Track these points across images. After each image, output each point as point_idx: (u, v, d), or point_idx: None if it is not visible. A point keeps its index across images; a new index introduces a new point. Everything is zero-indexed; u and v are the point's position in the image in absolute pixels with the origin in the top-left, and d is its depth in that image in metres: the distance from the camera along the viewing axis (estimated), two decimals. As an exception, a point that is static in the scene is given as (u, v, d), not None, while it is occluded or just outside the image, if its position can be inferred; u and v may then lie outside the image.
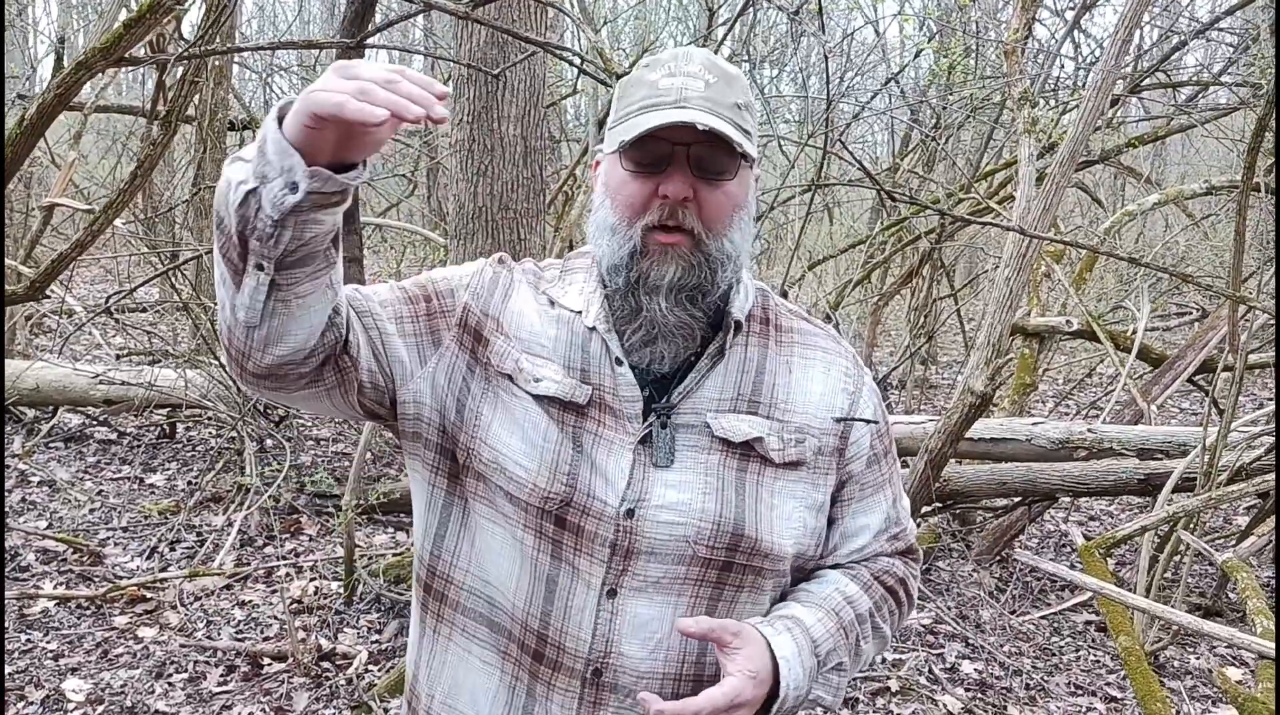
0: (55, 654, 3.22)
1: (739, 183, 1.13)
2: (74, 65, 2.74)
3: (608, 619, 1.13)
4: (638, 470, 1.13)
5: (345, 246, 3.38)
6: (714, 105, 1.08)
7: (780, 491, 1.17)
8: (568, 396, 1.13)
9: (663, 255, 1.10)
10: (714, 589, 1.15)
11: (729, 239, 1.12)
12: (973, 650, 3.57)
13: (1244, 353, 3.74)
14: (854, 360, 1.25)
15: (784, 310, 1.25)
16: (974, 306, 8.86)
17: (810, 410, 1.19)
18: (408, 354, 1.16)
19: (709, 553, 1.13)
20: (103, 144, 10.32)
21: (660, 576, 1.13)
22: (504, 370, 1.15)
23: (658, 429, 1.14)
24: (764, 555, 1.15)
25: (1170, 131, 6.54)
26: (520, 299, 1.19)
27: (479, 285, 1.19)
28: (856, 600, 1.21)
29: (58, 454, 5.19)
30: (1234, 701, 2.16)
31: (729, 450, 1.15)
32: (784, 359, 1.20)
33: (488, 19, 2.97)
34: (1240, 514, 5.07)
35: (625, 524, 1.12)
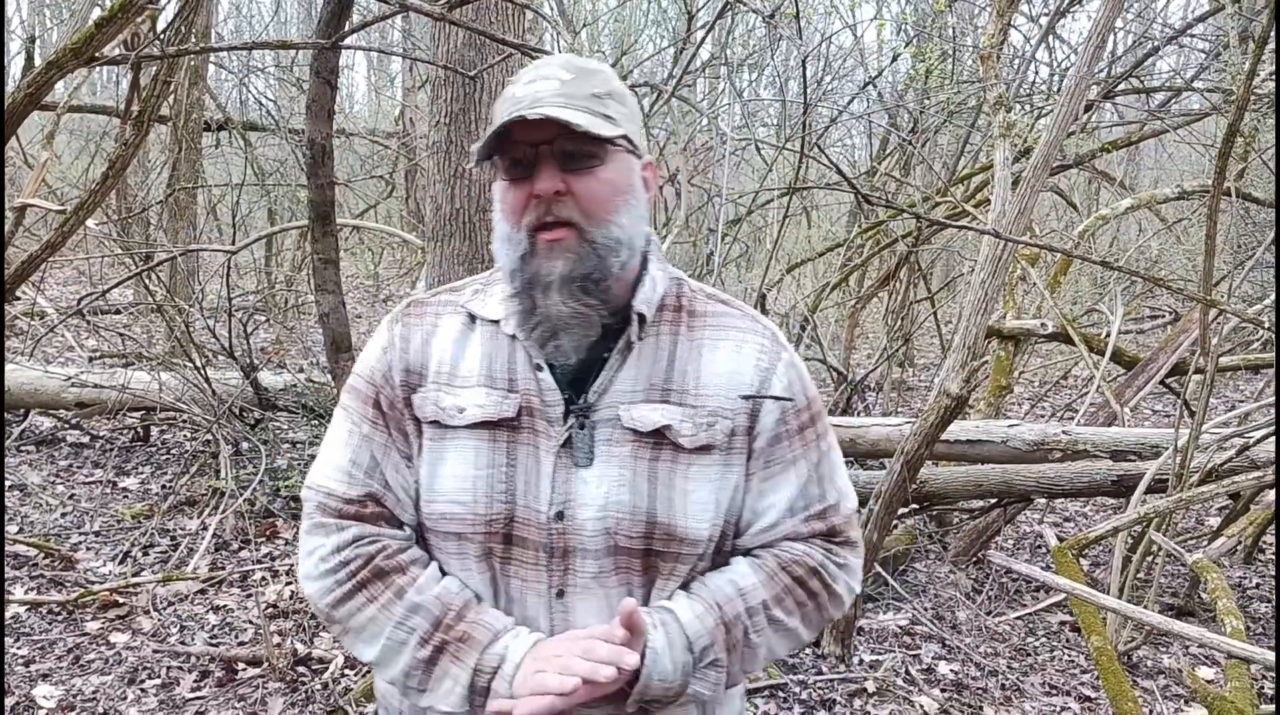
0: (26, 660, 3.18)
1: (616, 168, 1.15)
2: (45, 64, 2.71)
3: (562, 619, 1.18)
4: (560, 473, 1.17)
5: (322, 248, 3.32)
6: (567, 99, 1.11)
7: (694, 476, 1.18)
8: (495, 416, 1.17)
9: (549, 251, 1.13)
10: (642, 576, 1.19)
11: (615, 224, 1.14)
12: (949, 651, 3.59)
13: (1215, 355, 3.78)
14: (772, 337, 1.24)
15: (700, 295, 1.26)
16: (950, 309, 8.91)
17: (720, 392, 1.20)
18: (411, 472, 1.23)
19: (629, 542, 1.16)
20: (76, 144, 10.21)
21: (597, 572, 1.17)
22: (428, 418, 1.19)
23: (576, 430, 1.17)
24: (680, 540, 1.17)
25: (1143, 136, 6.60)
26: (440, 336, 1.22)
27: (396, 357, 1.22)
28: (751, 592, 1.20)
29: (29, 457, 5.12)
30: (1204, 701, 2.19)
31: (640, 440, 1.17)
32: (695, 344, 1.22)
33: (465, 21, 2.96)
34: (1212, 515, 5.13)
35: (556, 527, 1.16)
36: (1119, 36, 6.75)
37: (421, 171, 8.77)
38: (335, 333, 3.57)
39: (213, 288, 6.94)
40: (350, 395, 1.25)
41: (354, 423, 1.23)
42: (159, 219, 8.10)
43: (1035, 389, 8.36)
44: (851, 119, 8.27)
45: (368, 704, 2.99)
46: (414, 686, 1.15)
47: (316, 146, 3.28)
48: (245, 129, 8.14)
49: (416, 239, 6.56)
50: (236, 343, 5.04)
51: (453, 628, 1.14)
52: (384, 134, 10.10)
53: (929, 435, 3.29)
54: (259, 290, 8.91)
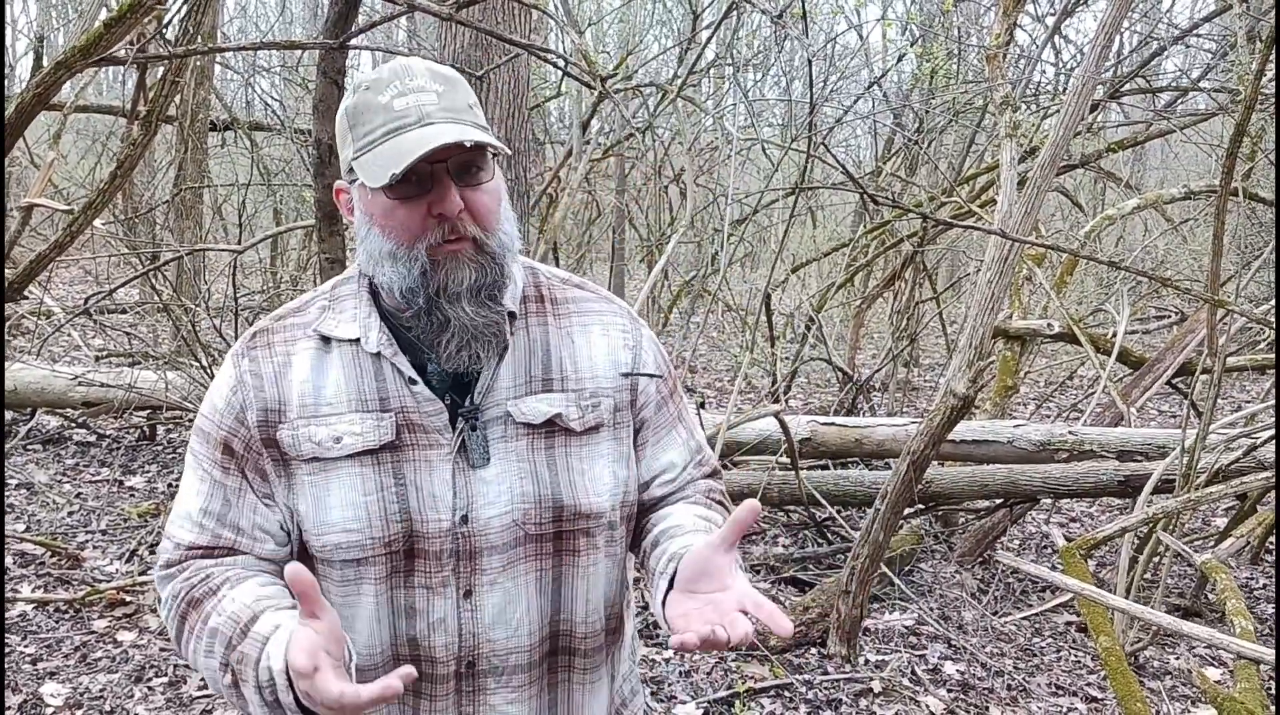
0: (33, 658, 3.19)
1: (495, 177, 1.17)
2: (53, 65, 2.72)
3: (470, 617, 1.19)
4: (459, 477, 1.17)
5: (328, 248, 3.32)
6: (455, 114, 1.10)
7: (588, 456, 1.23)
8: (375, 443, 1.15)
9: (454, 262, 1.12)
10: (553, 558, 1.22)
11: (503, 232, 1.16)
12: (955, 651, 3.59)
13: (1222, 355, 3.77)
14: (629, 316, 1.30)
15: (556, 281, 1.29)
16: (956, 309, 8.90)
17: (599, 373, 1.24)
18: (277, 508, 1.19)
19: (538, 530, 1.20)
20: (82, 144, 10.23)
21: (504, 565, 1.19)
22: (304, 455, 1.16)
23: (468, 433, 1.17)
24: (586, 516, 1.22)
25: (1149, 136, 6.60)
26: (296, 367, 1.18)
27: (250, 396, 1.18)
28: (712, 518, 1.28)
29: (35, 456, 5.14)
30: (1213, 701, 2.18)
31: (534, 432, 1.20)
32: (565, 331, 1.25)
33: (471, 20, 2.97)
34: (1219, 515, 5.12)
35: (462, 530, 1.17)
36: (1125, 36, 6.74)
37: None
38: (342, 332, 3.57)
39: (219, 287, 6.96)
40: (198, 439, 1.21)
41: (205, 468, 1.19)
42: (165, 219, 8.11)
43: (1041, 389, 8.34)
44: (857, 119, 8.27)
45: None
46: (242, 711, 1.13)
47: (324, 146, 3.29)
48: (251, 129, 8.16)
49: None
50: (243, 342, 5.03)
51: (236, 648, 1.09)
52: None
53: (935, 435, 3.28)
54: (264, 290, 8.93)
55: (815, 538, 4.53)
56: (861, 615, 3.48)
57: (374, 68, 1.27)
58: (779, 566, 4.21)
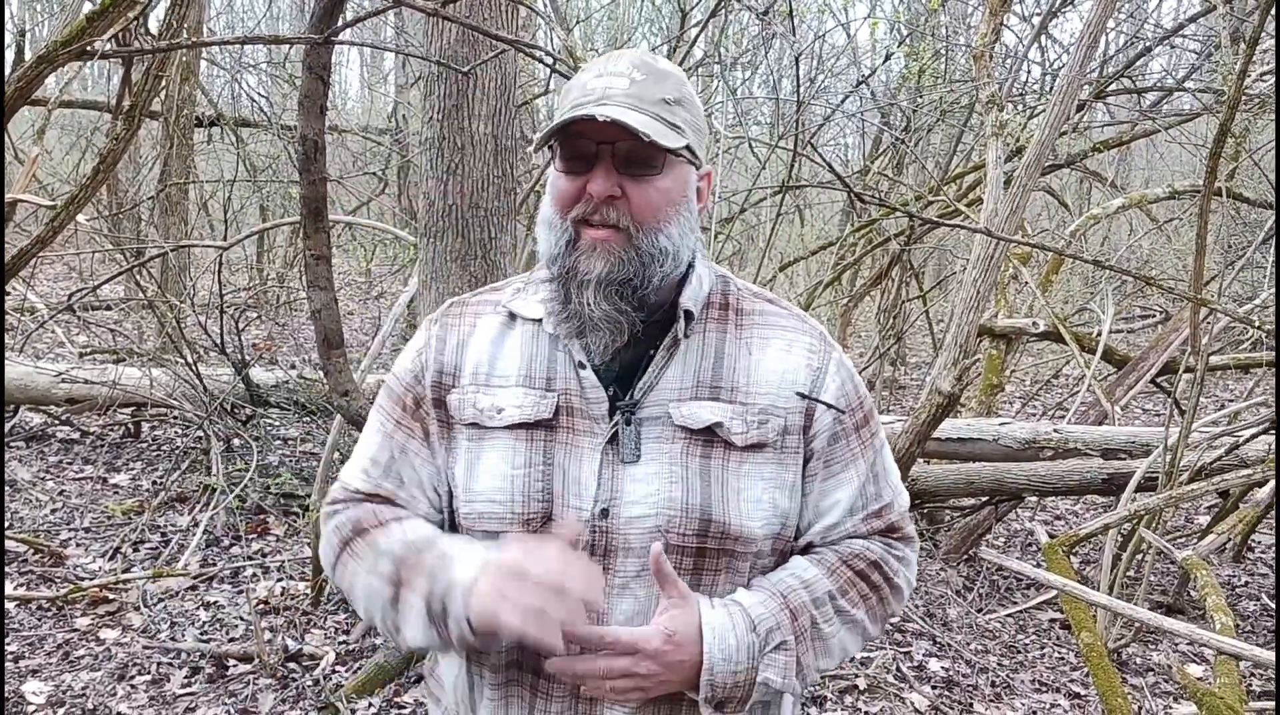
0: (15, 656, 3.17)
1: (672, 178, 1.14)
2: (35, 59, 2.70)
3: (596, 619, 1.14)
4: (606, 470, 1.15)
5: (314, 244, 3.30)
6: (637, 101, 1.09)
7: (747, 474, 1.16)
8: (532, 417, 1.16)
9: (592, 250, 1.12)
10: (690, 576, 1.16)
11: (663, 234, 1.13)
12: (940, 648, 3.60)
13: (1205, 354, 3.80)
14: (820, 337, 1.24)
15: (747, 294, 1.26)
16: (942, 308, 8.93)
17: (772, 390, 1.18)
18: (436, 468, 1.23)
19: (680, 541, 1.14)
20: (67, 140, 10.16)
21: (639, 571, 1.14)
22: (465, 420, 1.19)
23: (623, 426, 1.15)
24: (734, 539, 1.15)
25: (1135, 136, 6.63)
26: (478, 337, 1.22)
27: (431, 358, 1.23)
28: (815, 584, 1.19)
29: (18, 453, 5.10)
30: (1194, 697, 2.20)
31: (691, 437, 1.16)
32: (744, 342, 1.21)
33: (458, 16, 2.96)
34: (1201, 513, 5.16)
35: (600, 525, 1.14)
36: (1111, 37, 6.76)
37: (414, 168, 8.76)
38: (327, 329, 3.56)
39: (204, 284, 6.93)
40: (385, 394, 1.26)
41: (381, 421, 1.25)
42: (150, 214, 8.07)
43: (1026, 387, 8.38)
44: (844, 118, 8.28)
45: (359, 700, 2.99)
46: (391, 627, 1.15)
47: (309, 142, 3.27)
48: (237, 125, 8.11)
49: (409, 236, 6.55)
50: (228, 339, 5.02)
51: (410, 563, 1.12)
52: (376, 130, 10.08)
53: (921, 433, 3.30)
54: (250, 286, 8.90)
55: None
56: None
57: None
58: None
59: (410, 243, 6.47)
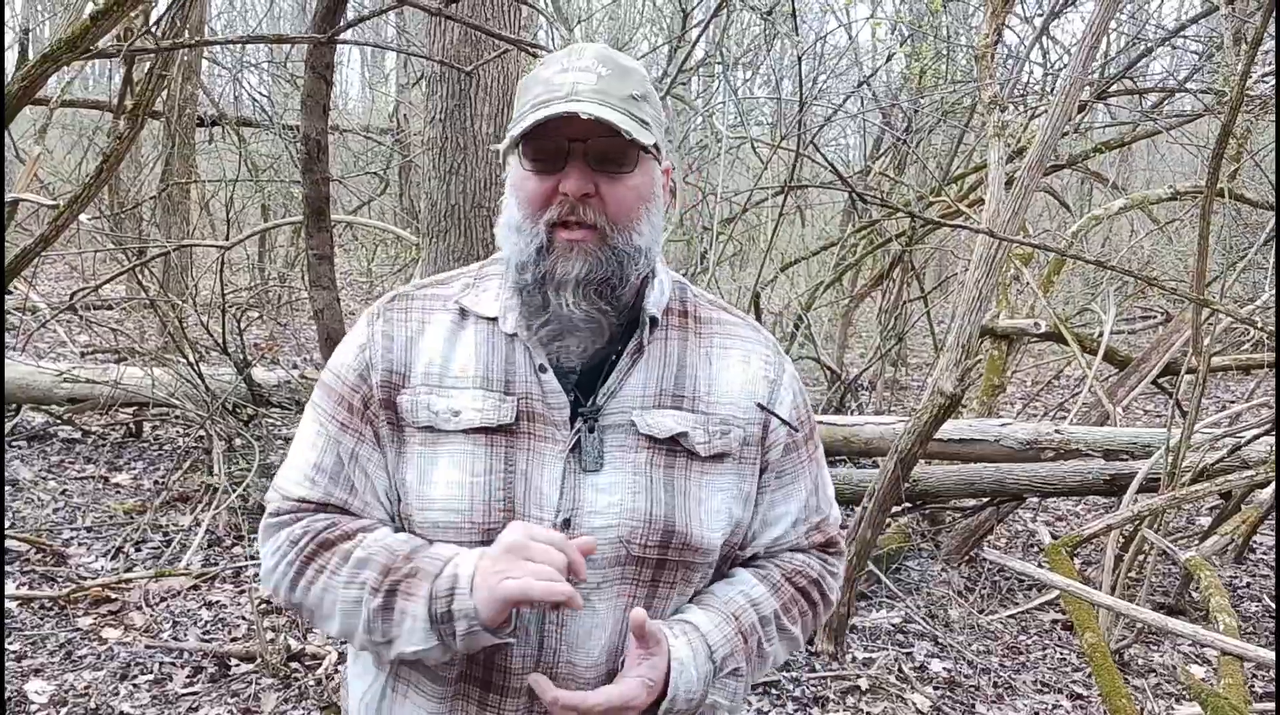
0: (18, 655, 3.17)
1: (642, 175, 1.12)
2: (39, 58, 2.70)
3: (554, 631, 1.12)
4: (569, 479, 1.12)
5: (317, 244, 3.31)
6: (605, 97, 1.07)
7: (708, 485, 1.16)
8: (493, 422, 1.11)
9: (568, 251, 1.08)
10: (649, 587, 1.15)
11: (636, 232, 1.11)
12: (941, 649, 3.60)
13: (1207, 355, 3.80)
14: (774, 348, 1.24)
15: (703, 301, 1.25)
16: (944, 308, 8.93)
17: (733, 400, 1.18)
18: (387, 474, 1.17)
19: (642, 551, 1.13)
20: (68, 139, 10.17)
21: (600, 581, 1.12)
22: (419, 422, 1.13)
23: (585, 433, 1.12)
24: (694, 550, 1.15)
25: (1136, 137, 6.63)
26: (429, 334, 1.16)
27: (377, 356, 1.16)
28: (762, 603, 1.20)
29: (20, 453, 5.10)
30: (1198, 698, 2.20)
31: (655, 447, 1.14)
32: (704, 351, 1.19)
33: (461, 16, 2.96)
34: (1203, 514, 5.15)
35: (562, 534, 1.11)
36: (1112, 38, 6.77)
37: (416, 168, 8.76)
38: (329, 328, 3.56)
39: (206, 283, 6.92)
40: (321, 392, 1.18)
41: (321, 423, 1.17)
42: (152, 214, 8.07)
43: (1028, 388, 8.38)
44: (846, 118, 8.28)
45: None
46: (379, 640, 1.09)
47: (311, 142, 3.28)
48: (239, 125, 8.12)
49: (411, 235, 6.55)
50: (230, 338, 5.02)
51: (400, 570, 1.07)
52: (378, 130, 10.08)
53: (923, 434, 3.30)
54: (252, 286, 8.89)
55: (803, 536, 4.54)
56: (849, 613, 3.50)
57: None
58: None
59: (412, 242, 6.47)
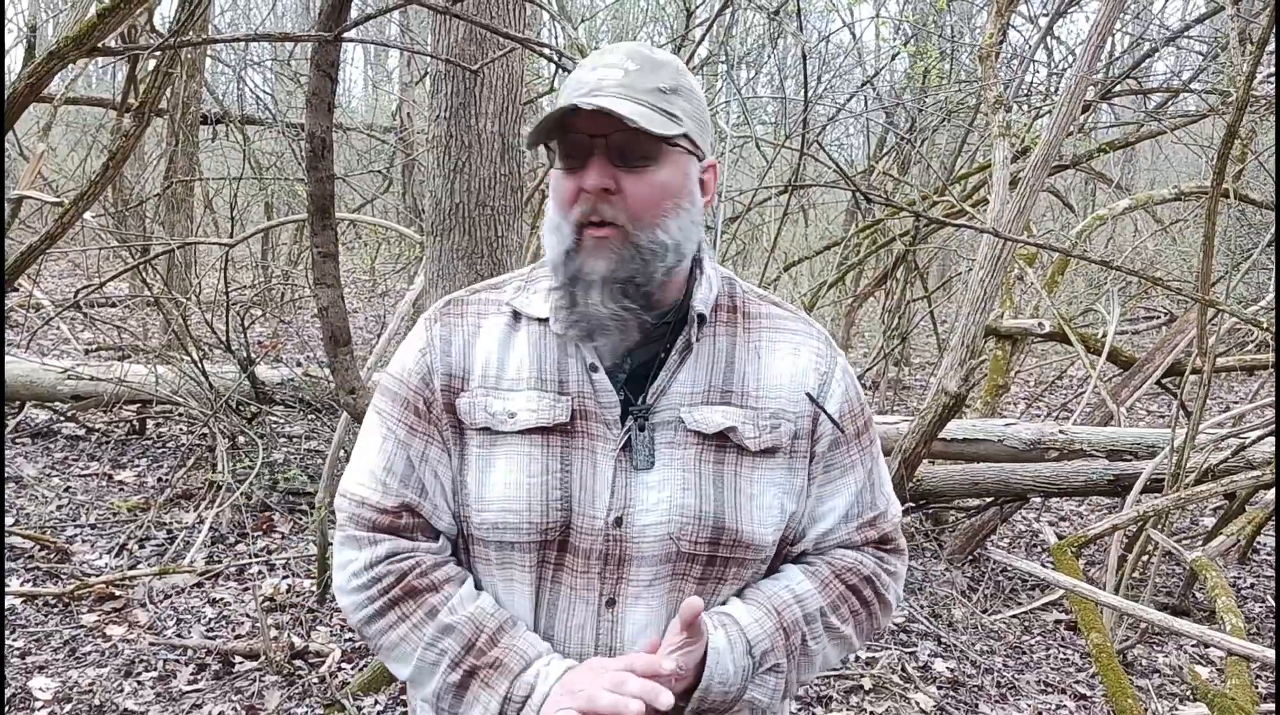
0: (22, 652, 3.17)
1: (670, 169, 1.09)
2: (46, 55, 2.70)
3: (609, 629, 1.13)
4: (620, 477, 1.12)
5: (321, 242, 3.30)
6: (629, 91, 1.06)
7: (759, 480, 1.15)
8: (549, 422, 1.12)
9: (594, 249, 1.08)
10: (699, 584, 1.15)
11: (661, 228, 1.09)
12: (945, 649, 3.60)
13: (1211, 356, 3.79)
14: (826, 341, 1.22)
15: (753, 296, 1.23)
16: (947, 308, 8.93)
17: (783, 394, 1.17)
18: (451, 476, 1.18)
19: (692, 548, 1.12)
20: (72, 137, 10.17)
21: (652, 579, 1.13)
22: (476, 424, 1.14)
23: (636, 432, 1.12)
24: (745, 546, 1.14)
25: (1141, 137, 6.62)
26: (484, 337, 1.17)
27: (436, 360, 1.17)
28: (807, 599, 1.18)
29: (24, 449, 5.11)
30: (1205, 698, 2.19)
31: (704, 442, 1.13)
32: (753, 345, 1.18)
33: (466, 14, 2.96)
34: (1207, 514, 5.15)
35: (614, 533, 1.12)
36: (1117, 38, 6.76)
37: (420, 166, 8.76)
38: (334, 327, 3.56)
39: (210, 281, 6.93)
40: (385, 398, 1.19)
41: (389, 427, 1.17)
42: (156, 212, 8.08)
43: (1032, 388, 8.37)
44: (850, 117, 8.27)
45: (365, 697, 2.99)
46: (445, 709, 1.14)
47: (316, 140, 3.28)
48: (243, 123, 8.12)
49: (414, 233, 6.55)
50: (233, 336, 5.03)
51: (485, 653, 1.10)
52: (382, 129, 10.08)
53: (927, 433, 3.30)
54: (256, 284, 8.90)
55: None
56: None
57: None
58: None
59: (416, 241, 6.47)
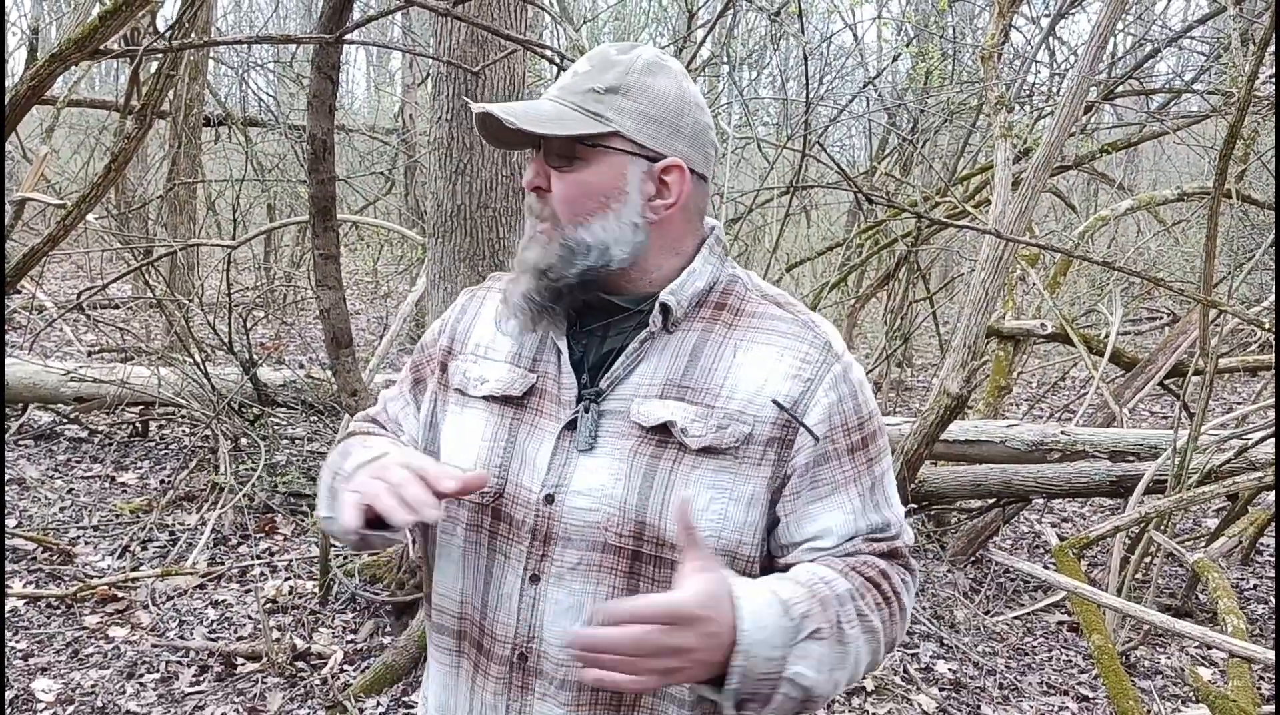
0: (25, 653, 3.18)
1: (598, 170, 1.11)
2: (48, 58, 2.70)
3: (530, 604, 1.14)
4: (559, 455, 1.13)
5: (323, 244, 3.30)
6: (561, 93, 1.14)
7: (696, 480, 1.09)
8: (505, 391, 1.19)
9: (532, 240, 1.17)
10: (627, 579, 1.11)
11: (584, 228, 1.11)
12: (947, 650, 3.60)
13: (1214, 356, 3.79)
14: (824, 348, 1.14)
15: (755, 295, 1.19)
16: (949, 309, 8.92)
17: (746, 396, 1.11)
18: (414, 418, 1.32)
19: (618, 541, 1.10)
20: (75, 139, 10.19)
21: (577, 563, 1.11)
22: (455, 385, 1.24)
23: (582, 413, 1.13)
24: (670, 546, 1.08)
25: (1143, 138, 6.62)
26: (485, 310, 1.28)
27: (453, 320, 1.30)
28: (834, 581, 1.06)
29: (27, 451, 5.12)
30: (1206, 700, 2.19)
31: (644, 435, 1.11)
32: (731, 343, 1.14)
33: (468, 16, 2.96)
34: (1210, 516, 5.14)
35: (544, 510, 1.12)
36: (1119, 38, 6.76)
37: (422, 168, 8.77)
38: (335, 328, 3.57)
39: (212, 283, 6.93)
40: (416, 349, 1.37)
41: (402, 376, 1.35)
42: (158, 214, 8.09)
43: (1034, 389, 8.37)
44: (851, 118, 8.27)
45: (366, 699, 2.99)
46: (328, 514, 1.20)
47: (317, 142, 3.28)
48: (245, 125, 8.14)
49: (416, 235, 6.56)
50: (236, 338, 5.03)
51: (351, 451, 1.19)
52: (384, 130, 10.09)
53: (929, 434, 3.29)
54: (258, 286, 8.91)
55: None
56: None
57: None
58: (772, 565, 4.22)
59: (418, 242, 6.48)
